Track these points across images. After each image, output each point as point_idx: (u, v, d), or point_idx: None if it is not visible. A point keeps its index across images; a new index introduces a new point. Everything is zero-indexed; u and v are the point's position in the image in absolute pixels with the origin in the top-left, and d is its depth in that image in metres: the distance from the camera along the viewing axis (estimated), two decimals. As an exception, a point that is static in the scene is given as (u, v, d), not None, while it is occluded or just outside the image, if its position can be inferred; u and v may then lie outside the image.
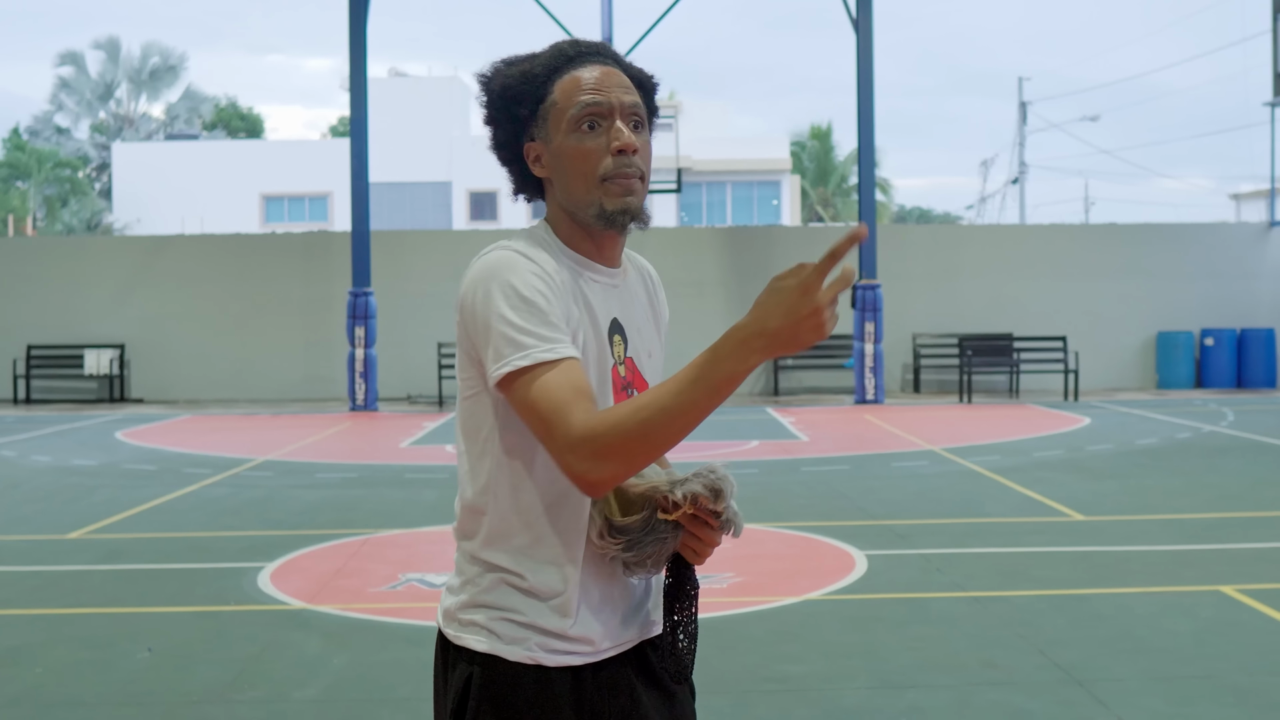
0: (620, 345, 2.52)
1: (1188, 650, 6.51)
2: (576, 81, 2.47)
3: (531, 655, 2.43)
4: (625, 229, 2.48)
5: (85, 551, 9.34)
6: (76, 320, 24.20)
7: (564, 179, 2.48)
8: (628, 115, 2.48)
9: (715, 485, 2.33)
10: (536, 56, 2.54)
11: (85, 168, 55.92)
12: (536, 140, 2.51)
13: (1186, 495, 11.37)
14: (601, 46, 2.56)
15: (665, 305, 2.75)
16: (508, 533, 2.45)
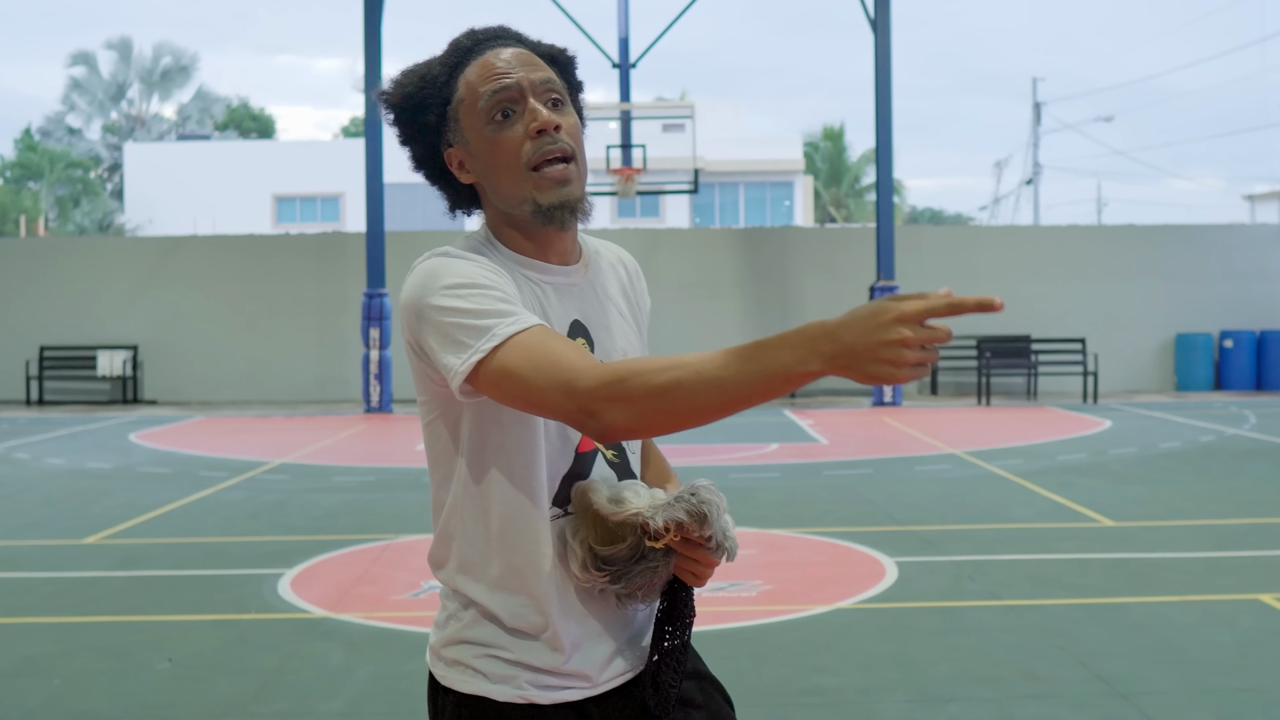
0: (584, 347, 2.30)
1: (1231, 661, 6.35)
2: (480, 70, 2.27)
3: (523, 694, 2.27)
4: (567, 224, 2.26)
5: (102, 557, 9.22)
6: (89, 321, 24.10)
7: (490, 178, 2.28)
8: (542, 93, 2.27)
9: (697, 510, 2.13)
10: (434, 58, 2.34)
11: (97, 168, 55.88)
12: (455, 145, 2.31)
13: (1216, 501, 11.20)
14: (500, 30, 2.35)
15: (646, 295, 2.54)
16: (478, 562, 2.28)
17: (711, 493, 2.16)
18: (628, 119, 22.04)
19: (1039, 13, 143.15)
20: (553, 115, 2.24)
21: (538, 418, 2.21)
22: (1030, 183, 53.59)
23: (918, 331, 1.78)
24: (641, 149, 21.35)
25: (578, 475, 2.28)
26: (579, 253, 2.39)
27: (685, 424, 1.97)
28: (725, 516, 2.18)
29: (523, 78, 2.26)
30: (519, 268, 2.29)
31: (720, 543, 2.17)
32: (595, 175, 40.16)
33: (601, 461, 2.33)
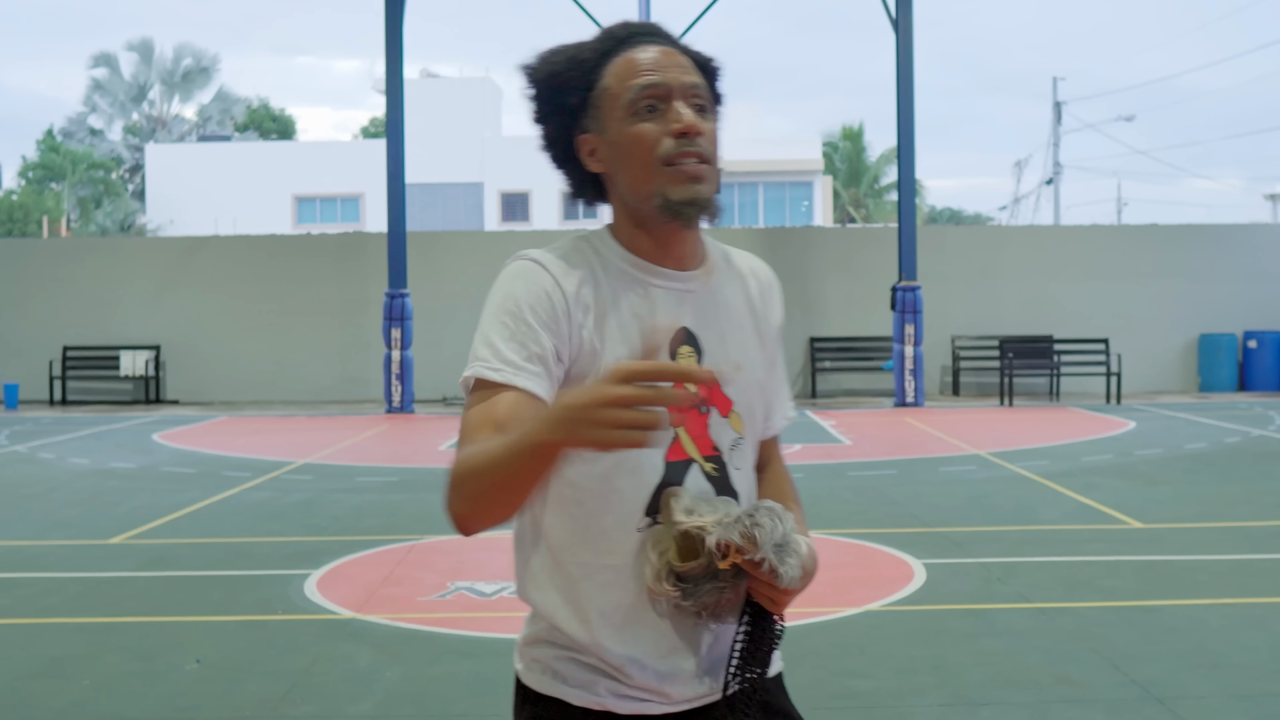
0: (689, 357, 2.25)
1: (1267, 666, 6.29)
2: (630, 63, 2.22)
3: (600, 701, 2.24)
4: (693, 222, 2.21)
5: (128, 557, 9.21)
6: (112, 321, 24.14)
7: (622, 169, 2.24)
8: (689, 96, 2.22)
9: (748, 532, 2.06)
10: (584, 42, 2.29)
11: (118, 169, 56.06)
12: (590, 132, 2.27)
13: (1244, 502, 11.12)
14: (654, 27, 2.31)
15: (777, 309, 2.46)
16: (556, 562, 2.26)
17: (770, 515, 2.09)
18: (649, 119, 21.99)
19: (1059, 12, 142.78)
20: (696, 120, 2.21)
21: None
22: (1050, 182, 53.44)
23: (637, 389, 1.77)
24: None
25: (668, 485, 2.23)
26: (702, 258, 2.33)
27: (487, 506, 1.98)
28: (791, 540, 2.10)
29: (673, 78, 2.22)
30: (629, 268, 2.26)
31: (774, 568, 2.10)
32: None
33: (698, 473, 2.26)
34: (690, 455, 2.25)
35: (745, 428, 2.32)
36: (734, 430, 2.30)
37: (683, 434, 2.24)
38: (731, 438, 2.29)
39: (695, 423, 2.26)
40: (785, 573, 2.10)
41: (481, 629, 7.09)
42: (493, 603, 7.67)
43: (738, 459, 2.31)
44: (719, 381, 2.03)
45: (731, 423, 2.30)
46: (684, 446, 2.25)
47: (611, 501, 2.21)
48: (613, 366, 1.81)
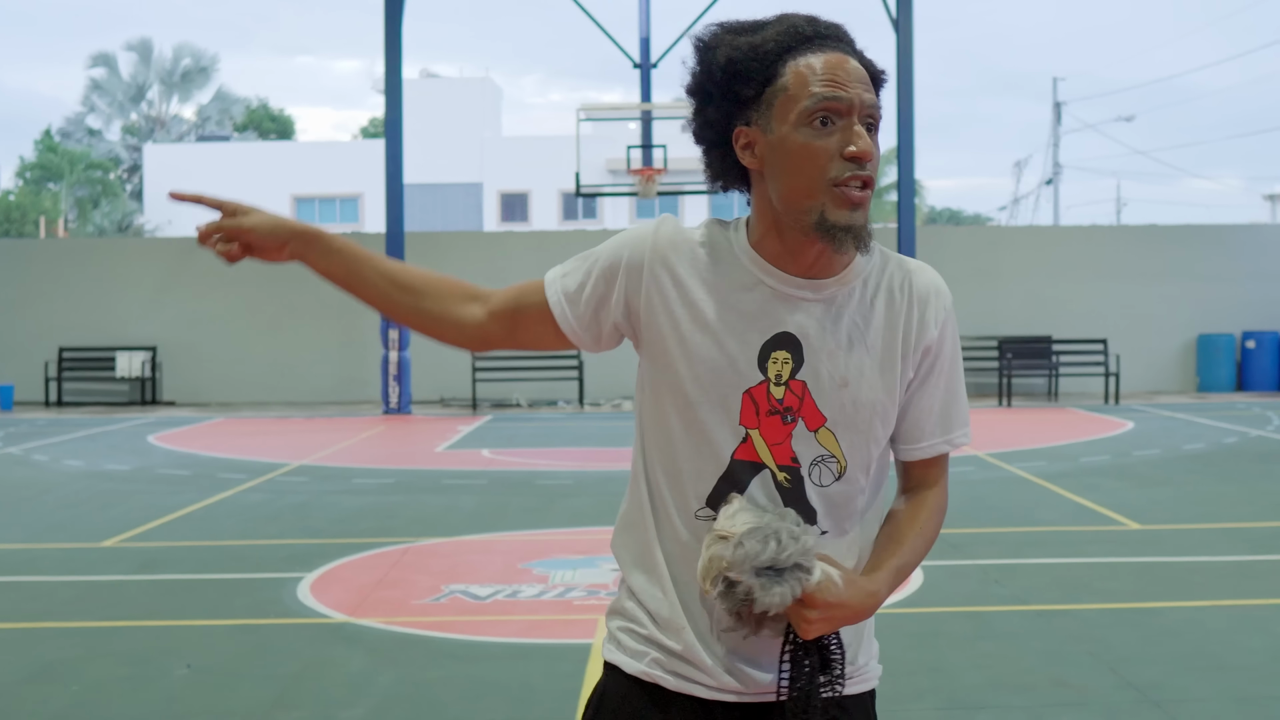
0: (784, 364, 2.21)
1: (1267, 669, 6.25)
2: (813, 68, 2.16)
3: (649, 673, 2.27)
4: (845, 247, 2.15)
5: (121, 561, 9.15)
6: (108, 322, 24.09)
7: (782, 176, 2.18)
8: (865, 116, 2.18)
9: (732, 555, 2.07)
10: (765, 29, 2.22)
11: (117, 169, 55.97)
12: (753, 125, 2.21)
13: (1243, 504, 11.08)
14: (840, 30, 2.24)
15: (928, 326, 2.30)
16: (630, 529, 2.34)
17: (764, 537, 2.06)
18: (648, 119, 21.93)
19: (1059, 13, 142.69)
20: (870, 146, 2.17)
21: (683, 403, 2.24)
22: (1050, 183, 53.40)
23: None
24: (662, 149, 21.24)
25: (732, 482, 2.22)
26: (841, 269, 2.26)
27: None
28: (788, 566, 2.07)
29: (856, 96, 2.17)
30: (748, 263, 2.25)
31: (750, 591, 2.07)
32: (614, 176, 40.14)
33: (768, 480, 2.23)
34: (762, 459, 2.22)
35: (842, 446, 2.25)
36: (822, 446, 2.24)
37: (756, 436, 2.22)
38: (817, 453, 2.24)
39: (775, 430, 2.22)
40: (761, 599, 2.07)
41: (476, 633, 7.05)
42: (487, 606, 7.62)
43: (821, 475, 2.25)
44: (234, 226, 2.49)
45: (820, 438, 2.24)
46: (756, 448, 2.22)
47: (676, 481, 2.25)
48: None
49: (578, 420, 20.43)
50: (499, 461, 14.73)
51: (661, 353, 2.23)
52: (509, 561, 8.87)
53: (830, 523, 2.26)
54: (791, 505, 2.21)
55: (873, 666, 2.45)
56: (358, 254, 2.45)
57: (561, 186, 43.65)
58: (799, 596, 2.09)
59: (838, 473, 2.25)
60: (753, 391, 2.20)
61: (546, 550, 9.27)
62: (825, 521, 2.26)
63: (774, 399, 2.20)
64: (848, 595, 2.15)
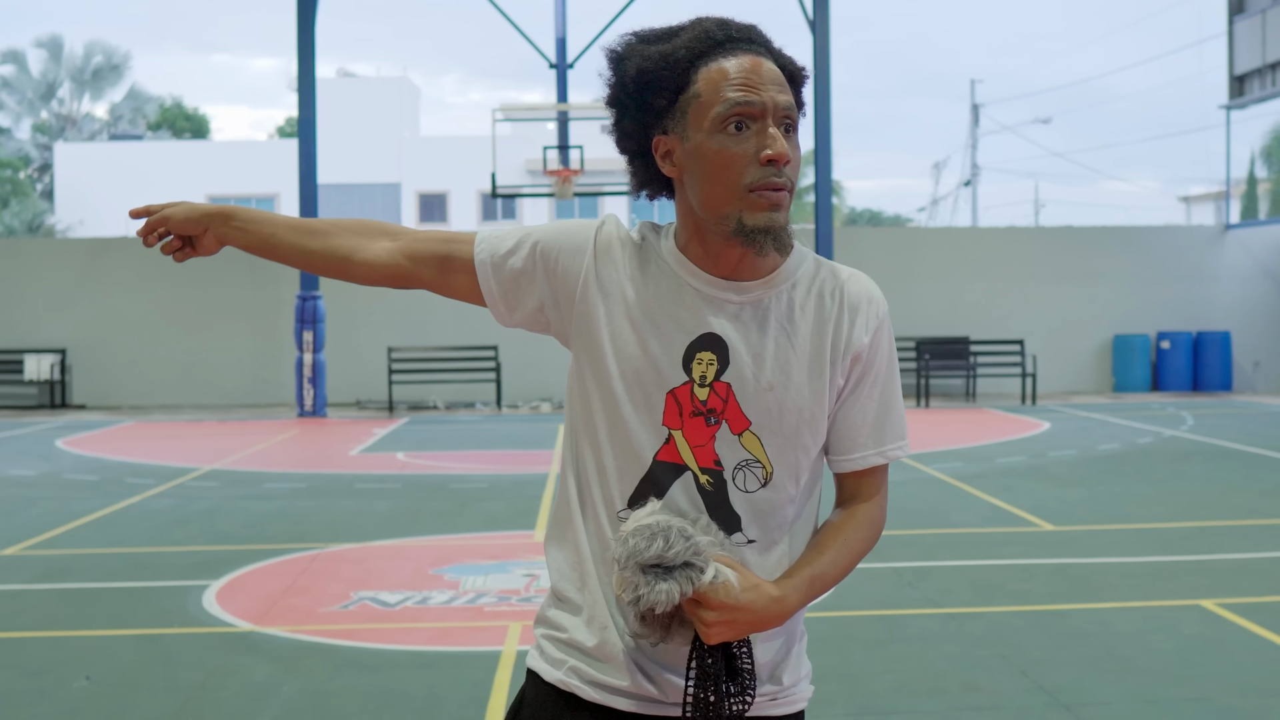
0: (708, 365, 2.17)
1: (1174, 670, 6.26)
2: (725, 73, 2.13)
3: (566, 681, 2.22)
4: (765, 249, 2.12)
5: (22, 569, 8.94)
6: (16, 324, 23.64)
7: (699, 184, 2.15)
8: (781, 118, 2.14)
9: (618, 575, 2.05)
10: (677, 36, 2.18)
11: (27, 168, 55.03)
12: (670, 134, 2.18)
13: (1156, 504, 11.16)
14: (753, 31, 2.20)
15: (863, 333, 2.25)
16: (557, 521, 2.30)
17: (652, 535, 2.02)
18: (565, 119, 21.86)
19: (978, 15, 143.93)
20: (786, 147, 2.12)
21: (609, 398, 2.21)
22: (969, 184, 53.81)
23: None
24: (579, 150, 21.18)
25: (654, 483, 2.18)
26: (767, 273, 2.22)
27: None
28: (677, 565, 2.02)
29: (769, 98, 2.13)
30: (675, 266, 2.22)
31: (636, 590, 2.03)
32: (533, 176, 39.99)
33: (690, 483, 2.19)
34: (684, 461, 2.18)
35: (768, 451, 2.20)
36: (746, 450, 2.19)
37: (679, 437, 2.17)
38: (741, 457, 2.19)
39: (699, 432, 2.17)
40: (645, 596, 2.02)
41: (384, 640, 6.93)
42: (396, 613, 7.50)
43: (746, 480, 2.20)
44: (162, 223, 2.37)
45: (744, 441, 2.19)
46: (679, 450, 2.18)
47: (602, 479, 2.21)
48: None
49: (495, 423, 20.29)
50: (414, 465, 14.58)
51: (592, 346, 2.20)
52: (420, 567, 8.75)
53: (757, 531, 2.21)
54: (714, 510, 2.17)
55: (803, 687, 2.35)
56: (271, 218, 2.41)
57: (481, 187, 43.43)
58: (689, 595, 2.03)
59: (763, 479, 2.20)
60: (676, 392, 2.17)
61: (458, 555, 9.16)
62: (751, 529, 2.21)
63: (698, 400, 2.17)
64: (748, 599, 2.08)
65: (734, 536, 2.18)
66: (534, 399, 23.08)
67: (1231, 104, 26.10)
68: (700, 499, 2.17)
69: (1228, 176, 26.95)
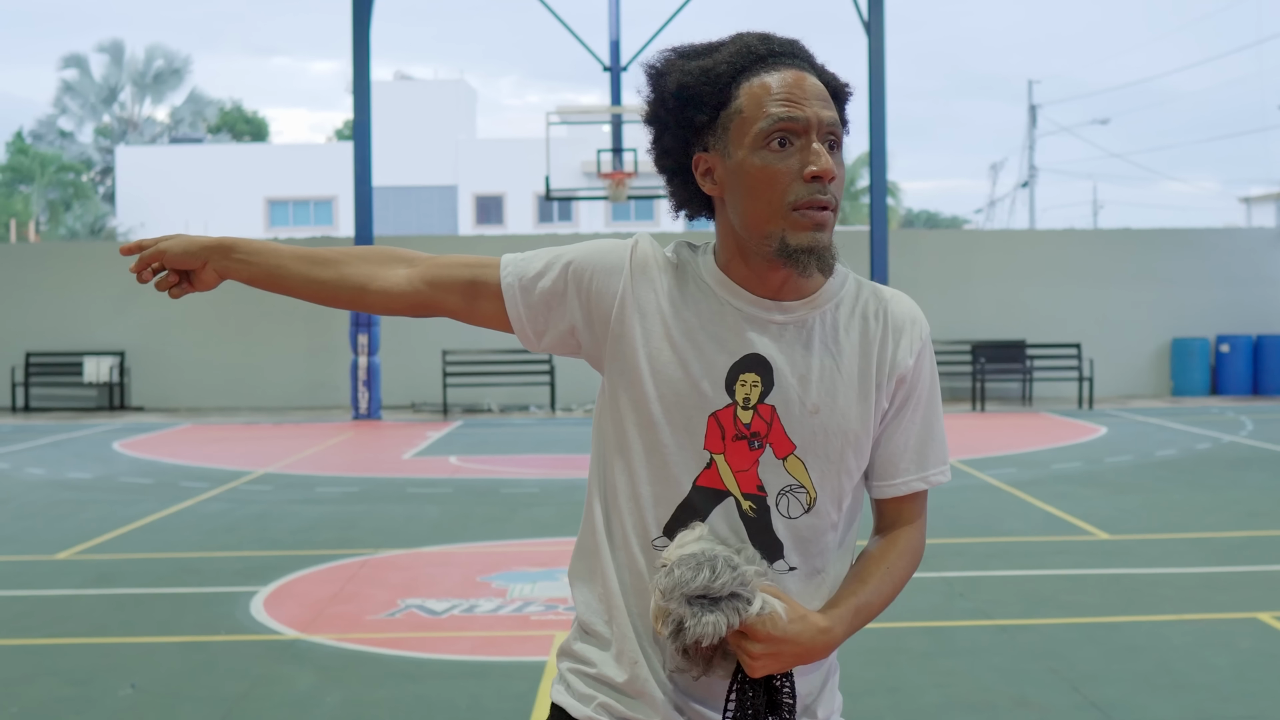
0: (752, 387, 2.11)
1: (1230, 687, 6.15)
2: (768, 88, 2.08)
3: (596, 718, 2.17)
4: (809, 270, 2.07)
5: (73, 574, 8.99)
6: (76, 327, 23.87)
7: (742, 201, 2.09)
8: (825, 134, 2.08)
9: (659, 584, 1.98)
10: (718, 51, 2.14)
11: (89, 171, 55.65)
12: (711, 151, 2.13)
13: (1213, 512, 11.00)
14: (795, 46, 2.16)
15: (904, 355, 2.20)
16: (584, 553, 2.24)
17: (698, 565, 1.96)
18: (619, 122, 21.81)
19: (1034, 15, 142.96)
20: (831, 163, 2.07)
21: (648, 423, 2.15)
22: (1026, 185, 53.43)
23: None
24: (633, 153, 21.13)
25: (693, 510, 2.12)
26: (808, 292, 2.17)
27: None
28: (724, 596, 1.97)
29: (814, 113, 2.08)
30: (715, 286, 2.16)
31: (681, 621, 1.97)
32: (588, 179, 40.01)
33: (731, 509, 2.13)
34: (726, 487, 2.12)
35: (811, 476, 2.14)
36: (790, 475, 2.13)
37: (721, 462, 2.11)
38: (785, 482, 2.14)
39: (743, 456, 2.12)
40: (691, 628, 1.96)
41: (429, 649, 6.91)
42: (443, 621, 7.48)
43: (789, 506, 2.14)
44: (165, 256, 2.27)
45: (788, 466, 2.13)
46: (720, 475, 2.12)
47: (635, 507, 2.14)
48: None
49: (549, 426, 20.29)
50: (466, 469, 14.59)
51: (629, 369, 2.14)
52: (467, 574, 8.74)
53: (799, 558, 2.16)
54: (756, 537, 2.12)
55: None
56: (276, 249, 2.31)
57: (537, 189, 43.49)
58: (736, 628, 1.98)
59: (807, 504, 2.15)
60: (719, 415, 2.11)
61: (506, 563, 9.14)
62: (793, 557, 2.15)
63: (741, 423, 2.11)
64: (795, 630, 2.05)
65: (775, 564, 2.13)
66: (588, 402, 23.06)
67: (1294, 104, 25.70)
68: (743, 526, 2.12)
69: (1290, 178, 26.58)
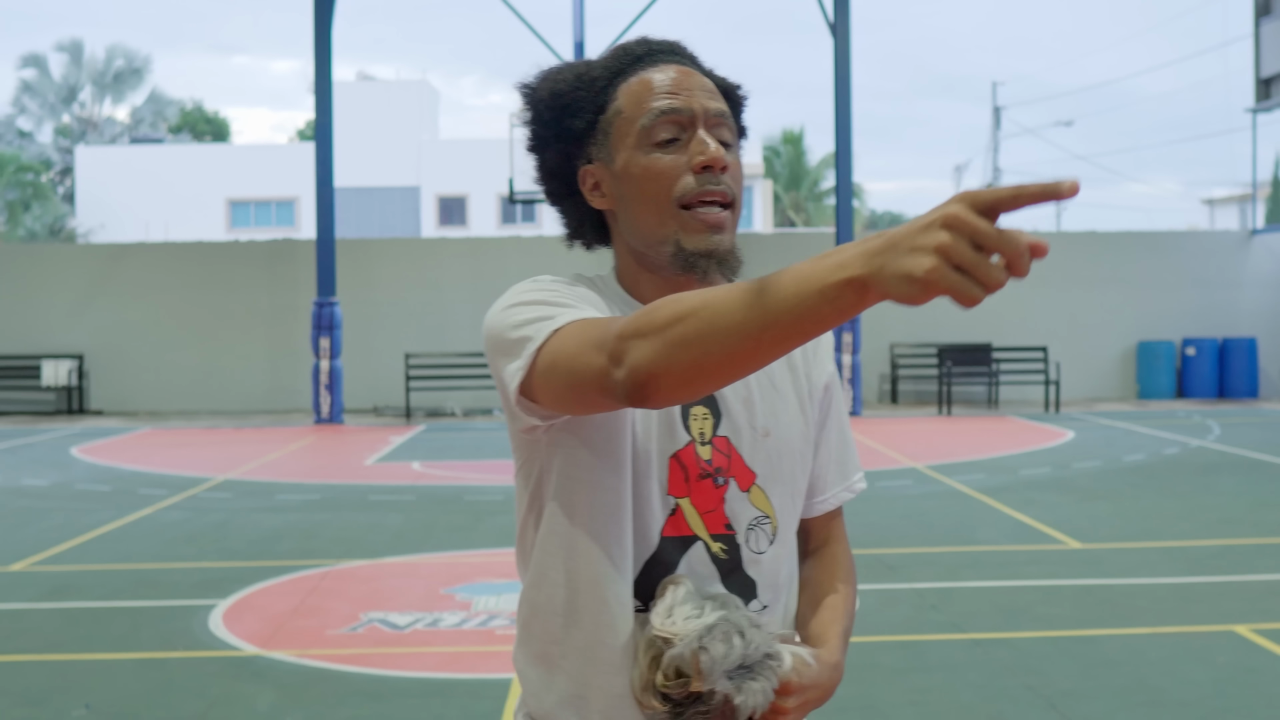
0: (704, 419, 1.93)
1: (1209, 703, 6.04)
2: (647, 84, 1.91)
3: None
4: (709, 276, 1.90)
5: (27, 587, 8.78)
6: (34, 330, 23.55)
7: (631, 208, 1.92)
8: (714, 125, 1.91)
9: (676, 664, 1.77)
10: (595, 59, 1.98)
11: (48, 172, 55.13)
12: (595, 162, 1.95)
13: (1184, 519, 10.92)
14: (677, 45, 1.99)
15: (825, 363, 2.09)
16: (534, 635, 1.99)
17: (727, 634, 1.78)
18: (584, 124, 21.68)
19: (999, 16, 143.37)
20: (721, 152, 1.88)
21: (618, 480, 1.88)
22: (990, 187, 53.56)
23: (959, 237, 1.35)
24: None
25: (662, 564, 1.92)
26: None
27: (709, 364, 1.52)
28: (758, 659, 1.80)
29: (697, 103, 1.91)
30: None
31: (729, 698, 1.78)
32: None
33: (702, 553, 1.94)
34: (694, 531, 1.93)
35: (773, 505, 1.99)
36: (755, 507, 1.97)
37: (686, 505, 1.93)
38: (752, 515, 1.97)
39: (707, 495, 1.93)
40: (745, 701, 1.79)
41: (392, 666, 6.74)
42: (406, 636, 7.32)
43: (758, 541, 1.98)
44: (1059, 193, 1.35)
45: (753, 498, 1.97)
46: (687, 520, 1.93)
47: (592, 573, 1.90)
48: (965, 192, 1.37)
49: (513, 430, 20.07)
50: (429, 475, 14.40)
51: (581, 424, 1.90)
52: (431, 586, 8.57)
53: (770, 595, 2.00)
54: (729, 579, 1.95)
55: None
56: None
57: (500, 190, 43.27)
58: (776, 687, 1.83)
59: (772, 535, 1.99)
60: (680, 455, 1.93)
61: (470, 574, 8.97)
62: (765, 594, 1.99)
63: (703, 461, 1.93)
64: (815, 674, 1.90)
65: (750, 605, 1.96)
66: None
67: (1258, 107, 25.77)
68: (715, 570, 1.94)
69: (1254, 181, 26.64)
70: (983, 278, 1.34)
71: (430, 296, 23.36)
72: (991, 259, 1.34)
